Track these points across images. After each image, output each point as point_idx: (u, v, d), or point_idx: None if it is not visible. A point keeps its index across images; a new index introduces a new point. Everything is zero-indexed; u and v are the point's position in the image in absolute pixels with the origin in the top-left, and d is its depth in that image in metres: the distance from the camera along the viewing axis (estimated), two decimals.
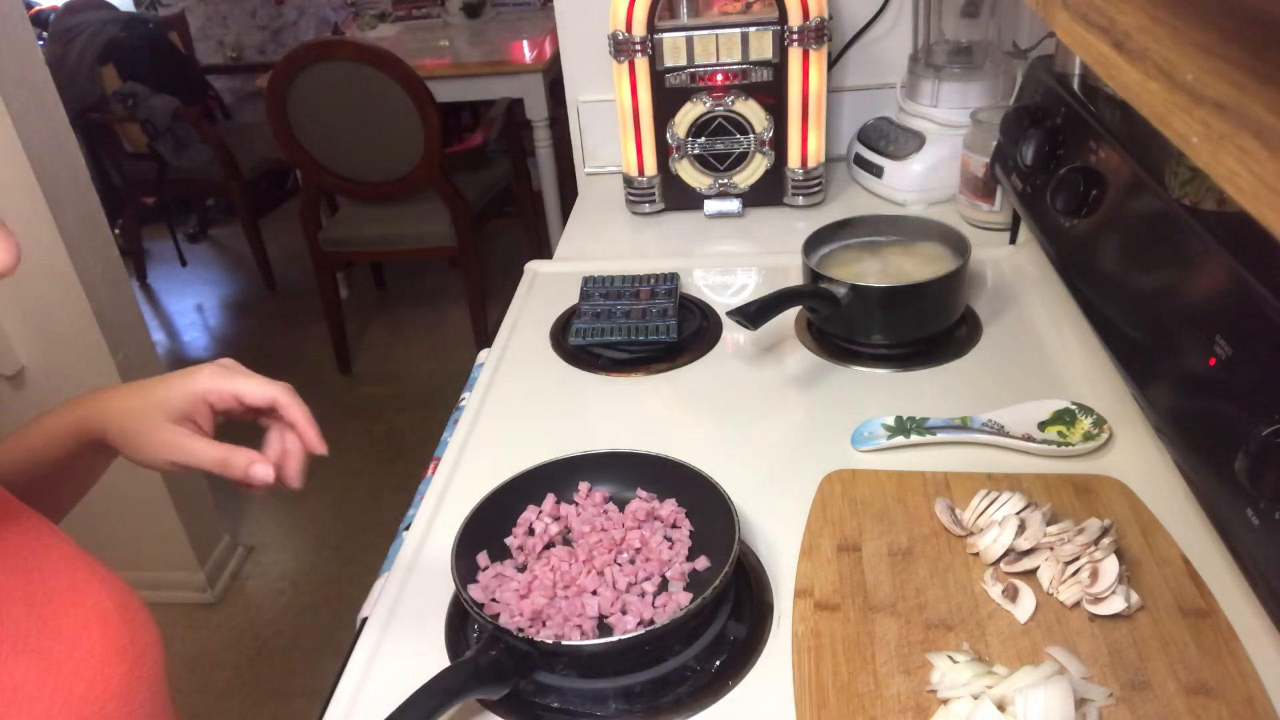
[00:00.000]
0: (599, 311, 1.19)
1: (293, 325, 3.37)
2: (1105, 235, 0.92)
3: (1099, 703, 0.67)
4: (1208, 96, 0.35)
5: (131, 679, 0.58)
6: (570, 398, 1.10)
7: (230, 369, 0.70)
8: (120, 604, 0.60)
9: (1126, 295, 0.87)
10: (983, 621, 0.75)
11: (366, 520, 2.46)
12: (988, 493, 0.83)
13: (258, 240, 3.59)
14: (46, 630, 0.55)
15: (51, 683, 0.53)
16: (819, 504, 0.88)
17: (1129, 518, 0.83)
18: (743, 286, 1.30)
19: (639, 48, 1.35)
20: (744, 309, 1.02)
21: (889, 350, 1.11)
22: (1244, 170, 0.33)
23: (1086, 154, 0.97)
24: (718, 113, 1.40)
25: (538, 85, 2.98)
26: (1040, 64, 1.15)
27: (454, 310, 3.36)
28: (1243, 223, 0.73)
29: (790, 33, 1.33)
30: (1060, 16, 0.54)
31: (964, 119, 1.34)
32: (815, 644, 0.74)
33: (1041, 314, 1.16)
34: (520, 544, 0.84)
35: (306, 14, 4.49)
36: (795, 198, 1.46)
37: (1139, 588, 0.75)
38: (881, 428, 0.96)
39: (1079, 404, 0.96)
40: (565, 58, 1.60)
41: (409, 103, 2.55)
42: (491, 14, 3.53)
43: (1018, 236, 1.31)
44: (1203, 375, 0.71)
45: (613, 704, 0.73)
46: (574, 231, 1.51)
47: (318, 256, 2.92)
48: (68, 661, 0.55)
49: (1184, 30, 0.38)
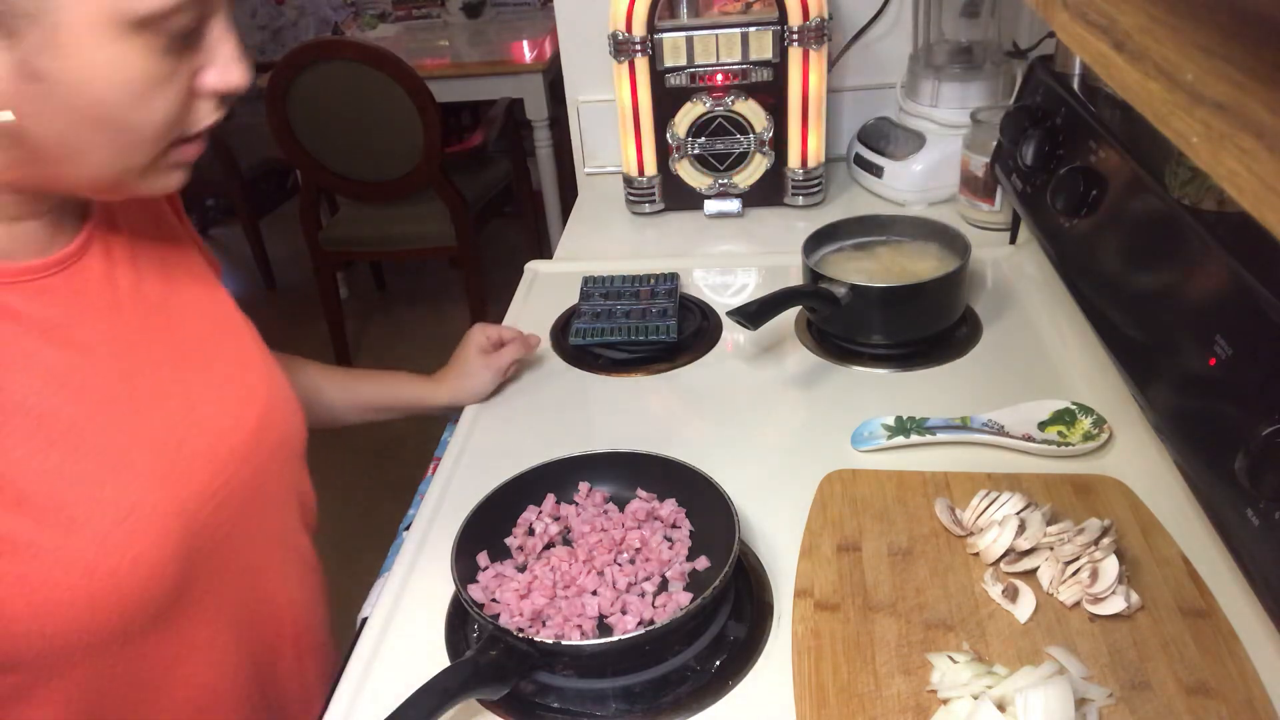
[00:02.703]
0: (599, 311, 1.19)
1: (293, 325, 3.37)
2: (1105, 235, 0.92)
3: (1099, 703, 0.67)
4: (1208, 96, 0.35)
5: (262, 445, 0.77)
6: (570, 398, 1.10)
7: (485, 327, 1.11)
8: (270, 396, 0.80)
9: (1126, 295, 0.87)
10: (983, 621, 0.75)
11: (366, 520, 2.46)
12: (988, 493, 0.83)
13: (258, 240, 3.59)
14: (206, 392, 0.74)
15: (204, 412, 0.73)
16: (819, 504, 0.88)
17: (1129, 518, 0.83)
18: (743, 286, 1.30)
19: (639, 48, 1.35)
20: (744, 309, 1.02)
21: (889, 350, 1.11)
22: (1244, 170, 0.33)
23: (1086, 154, 0.97)
24: (718, 113, 1.40)
25: (538, 85, 2.98)
26: (1040, 64, 1.15)
27: (454, 310, 3.36)
28: (1243, 223, 0.73)
29: (790, 33, 1.33)
30: (1060, 16, 0.54)
31: (964, 119, 1.34)
32: (815, 644, 0.74)
33: (1041, 314, 1.16)
34: (520, 544, 0.84)
35: (306, 14, 4.49)
36: (795, 198, 1.46)
37: (1139, 588, 0.75)
38: (881, 428, 0.96)
39: (1079, 404, 0.96)
40: (565, 58, 1.60)
41: (409, 103, 2.55)
42: (491, 14, 3.53)
43: (1018, 236, 1.31)
44: (1203, 375, 0.71)
45: (613, 704, 0.73)
46: (574, 231, 1.51)
47: (318, 256, 2.92)
48: (216, 416, 0.74)
49: (1184, 30, 0.38)
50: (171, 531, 0.67)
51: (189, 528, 0.68)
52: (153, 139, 0.62)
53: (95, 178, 0.63)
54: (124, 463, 0.66)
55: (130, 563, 0.64)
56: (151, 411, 0.69)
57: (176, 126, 0.63)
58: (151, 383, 0.70)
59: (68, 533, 0.62)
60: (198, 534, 0.69)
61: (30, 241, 0.66)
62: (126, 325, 0.70)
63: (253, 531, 0.77)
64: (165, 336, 0.73)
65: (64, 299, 0.67)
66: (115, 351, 0.69)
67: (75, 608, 0.62)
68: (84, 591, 0.62)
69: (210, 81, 0.63)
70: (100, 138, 0.60)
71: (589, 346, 1.16)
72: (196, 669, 0.73)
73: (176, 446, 0.69)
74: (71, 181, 0.64)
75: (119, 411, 0.67)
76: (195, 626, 0.72)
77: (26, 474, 0.61)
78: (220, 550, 0.73)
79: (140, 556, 0.64)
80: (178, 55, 0.60)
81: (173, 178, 0.66)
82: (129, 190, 0.65)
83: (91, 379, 0.67)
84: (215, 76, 0.63)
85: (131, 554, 0.64)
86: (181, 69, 0.61)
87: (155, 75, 0.59)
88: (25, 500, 0.61)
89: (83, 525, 0.62)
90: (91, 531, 0.62)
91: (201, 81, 0.63)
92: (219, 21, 0.63)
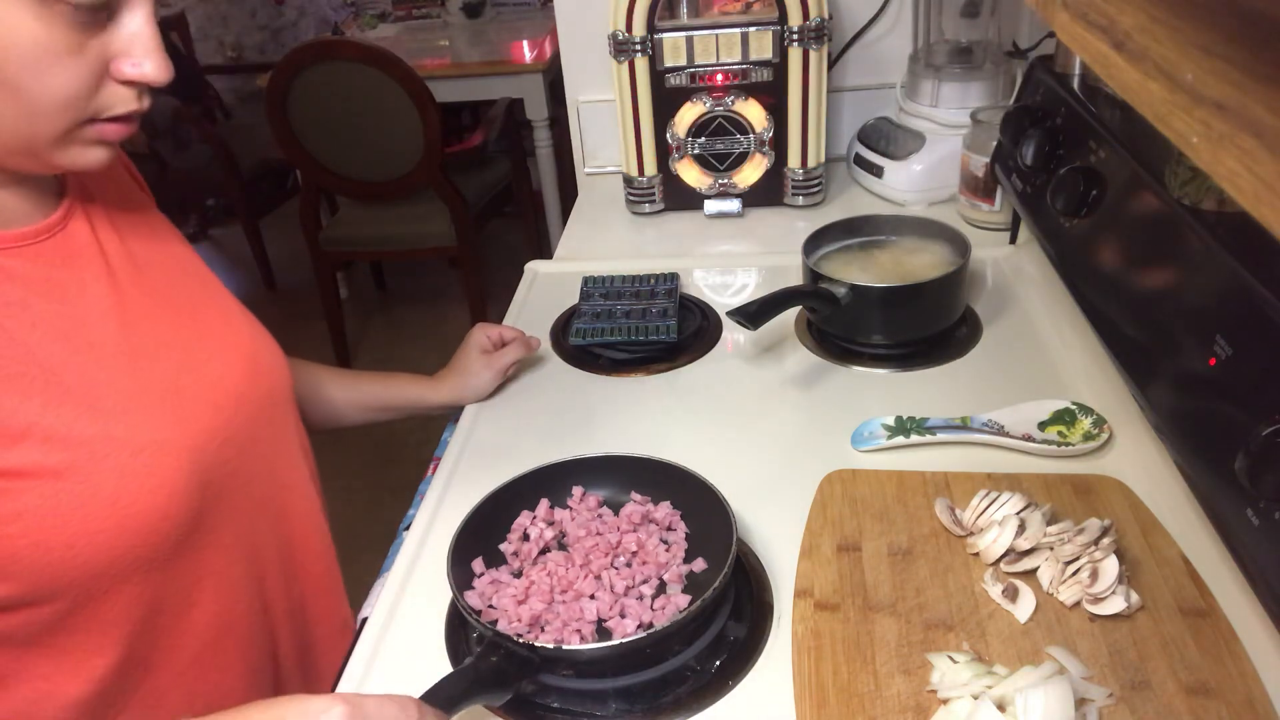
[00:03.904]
0: (599, 311, 1.19)
1: (293, 325, 3.37)
2: (1105, 235, 0.92)
3: (1099, 703, 0.67)
4: (1208, 96, 0.35)
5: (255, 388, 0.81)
6: (570, 398, 1.10)
7: (486, 327, 1.12)
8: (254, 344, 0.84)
9: (1126, 295, 0.87)
10: (983, 621, 0.75)
11: (366, 520, 2.46)
12: (988, 493, 0.83)
13: (258, 240, 3.59)
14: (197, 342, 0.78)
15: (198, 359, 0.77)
16: (819, 504, 0.88)
17: (1129, 518, 0.83)
18: (743, 286, 1.30)
19: (639, 48, 1.35)
20: (744, 309, 1.02)
21: (889, 350, 1.11)
22: (1244, 170, 0.33)
23: (1086, 154, 0.97)
24: (718, 113, 1.40)
25: (538, 85, 2.97)
26: (1040, 64, 1.15)
27: (454, 310, 3.36)
28: (1243, 223, 0.73)
29: (790, 33, 1.33)
30: (1060, 16, 0.54)
31: (964, 119, 1.34)
32: (815, 644, 0.74)
33: (1041, 314, 1.16)
34: (515, 550, 0.84)
35: (306, 14, 4.49)
36: (795, 198, 1.45)
37: (1139, 588, 0.75)
38: (881, 428, 0.96)
39: (1079, 404, 0.96)
40: (565, 58, 1.60)
41: (409, 103, 2.55)
42: (491, 14, 3.53)
43: (1018, 236, 1.31)
44: (1203, 375, 0.71)
45: (613, 704, 0.73)
46: (574, 231, 1.51)
47: (318, 256, 2.92)
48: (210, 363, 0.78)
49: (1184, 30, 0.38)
50: (184, 465, 0.72)
51: (199, 462, 0.73)
52: (53, 111, 0.63)
53: (5, 142, 0.64)
54: (133, 406, 0.70)
55: (150, 492, 0.69)
56: (152, 361, 0.74)
57: (82, 104, 0.64)
58: (148, 334, 0.75)
59: (91, 466, 0.66)
60: (208, 469, 0.74)
61: (15, 211, 0.70)
62: (118, 283, 0.75)
63: (257, 470, 0.81)
64: (153, 292, 0.78)
65: (59, 261, 0.71)
66: (111, 307, 0.73)
67: (104, 535, 0.67)
68: (112, 520, 0.67)
69: (123, 69, 0.65)
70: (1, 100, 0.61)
71: (589, 346, 1.16)
72: (210, 597, 0.78)
73: (178, 391, 0.74)
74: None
75: (122, 362, 0.72)
76: (210, 556, 0.77)
77: (46, 417, 0.65)
78: (228, 485, 0.77)
79: (158, 487, 0.70)
80: (84, 32, 0.61)
81: (91, 154, 0.68)
82: (47, 161, 0.67)
83: (94, 333, 0.71)
84: (129, 65, 0.65)
85: (151, 484, 0.69)
86: (90, 47, 0.62)
87: (54, 47, 0.60)
88: (50, 439, 0.65)
89: (103, 459, 0.67)
90: (111, 463, 0.67)
91: (115, 67, 0.64)
92: (139, 9, 0.64)
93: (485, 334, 1.11)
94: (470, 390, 1.09)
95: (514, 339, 1.11)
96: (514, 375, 1.12)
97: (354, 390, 1.06)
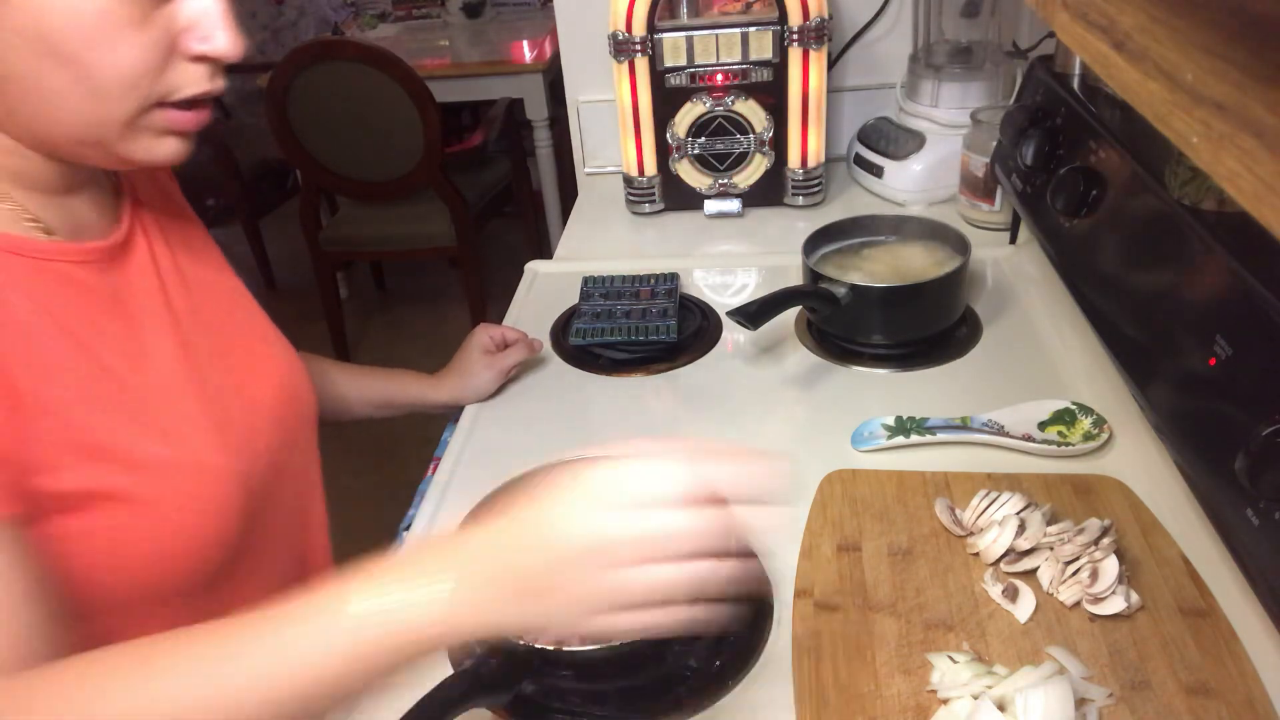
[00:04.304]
0: (599, 311, 1.19)
1: (293, 325, 3.33)
2: (1105, 235, 0.92)
3: (1099, 703, 0.67)
4: (1208, 96, 0.35)
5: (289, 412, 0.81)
6: (570, 398, 1.10)
7: (488, 327, 1.11)
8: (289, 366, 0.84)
9: (1126, 295, 0.87)
10: (983, 621, 0.75)
11: (366, 520, 2.46)
12: (988, 493, 0.83)
13: (258, 240, 3.59)
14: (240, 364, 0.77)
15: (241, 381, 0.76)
16: (819, 504, 0.88)
17: (1129, 518, 0.83)
18: (743, 286, 1.30)
19: (639, 48, 1.35)
20: (744, 309, 1.02)
21: (889, 350, 1.11)
22: (1244, 170, 0.33)
23: (1086, 154, 0.97)
24: (718, 113, 1.40)
25: (538, 85, 2.97)
26: (1040, 64, 1.15)
27: (454, 310, 3.35)
28: (1243, 223, 0.73)
29: (790, 33, 1.33)
30: (1060, 16, 0.54)
31: (964, 119, 1.34)
32: (815, 644, 0.74)
33: (1041, 314, 1.16)
34: None
35: (306, 14, 4.49)
36: (795, 198, 1.45)
37: (1139, 588, 0.75)
38: (881, 428, 0.96)
39: (1079, 404, 0.96)
40: (565, 58, 1.60)
41: (409, 103, 2.55)
42: (491, 14, 3.53)
43: (1018, 236, 1.31)
44: (1203, 375, 0.71)
45: (613, 704, 0.73)
46: (574, 231, 1.51)
47: (318, 256, 2.92)
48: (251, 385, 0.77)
49: (1184, 30, 0.38)
50: (236, 489, 0.70)
51: (247, 487, 0.71)
52: (121, 89, 0.60)
53: (70, 127, 0.61)
54: (191, 429, 0.69)
55: (206, 517, 0.67)
56: (203, 383, 0.72)
57: (149, 83, 0.61)
58: (200, 356, 0.74)
59: (156, 489, 0.65)
60: (253, 494, 0.73)
61: (85, 220, 0.69)
62: (171, 301, 0.74)
63: (286, 493, 0.80)
64: (201, 311, 0.76)
65: (123, 276, 0.70)
66: (168, 325, 0.72)
67: (156, 560, 0.65)
68: (165, 544, 0.65)
69: (191, 45, 0.62)
70: (62, 77, 0.59)
71: (589, 346, 1.16)
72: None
73: (225, 412, 0.73)
74: (52, 130, 0.62)
75: (178, 380, 0.70)
76: (246, 584, 0.75)
77: (119, 436, 0.64)
78: (265, 511, 0.76)
79: (215, 511, 0.68)
80: (148, 2, 0.59)
81: (164, 145, 0.65)
82: (116, 152, 0.64)
83: (152, 350, 0.70)
84: (197, 40, 0.62)
85: (209, 509, 0.68)
86: (156, 19, 0.60)
87: (118, 16, 0.58)
88: (123, 459, 0.63)
89: (166, 482, 0.65)
90: (173, 487, 0.66)
91: (183, 42, 0.62)
92: None
93: (488, 334, 1.11)
94: (471, 391, 1.09)
95: (516, 340, 1.11)
96: (514, 376, 1.12)
97: (360, 385, 1.06)
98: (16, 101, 0.60)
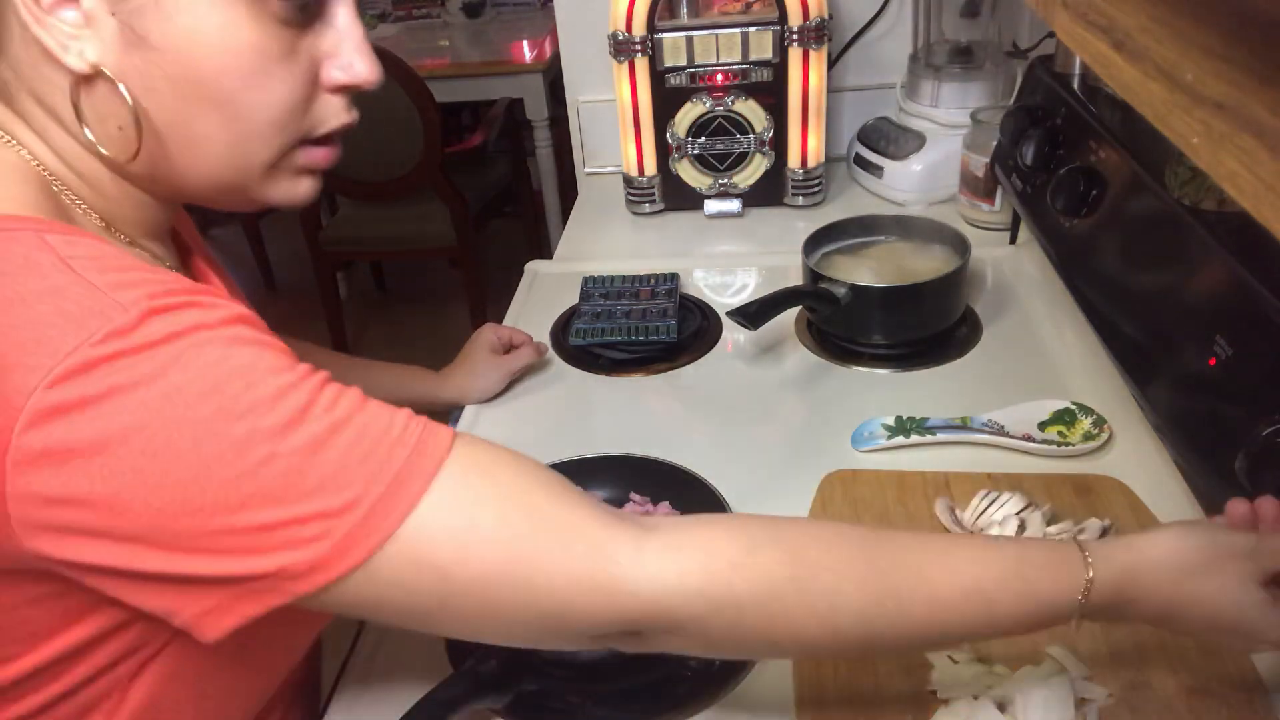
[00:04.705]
0: (599, 311, 1.19)
1: (293, 325, 3.34)
2: (1105, 235, 0.92)
3: (1099, 703, 0.67)
4: (1208, 96, 0.35)
5: None
6: (570, 398, 1.10)
7: (494, 327, 1.12)
8: None
9: (1126, 295, 0.87)
10: None
11: None
12: (988, 493, 0.83)
13: (258, 240, 3.59)
14: None
15: None
16: (819, 504, 0.88)
17: (1129, 518, 0.83)
18: (743, 286, 1.30)
19: (639, 48, 1.35)
20: (744, 309, 1.02)
21: (889, 350, 1.11)
22: (1244, 170, 0.33)
23: (1086, 154, 0.97)
24: (718, 113, 1.40)
25: (538, 85, 2.97)
26: (1040, 64, 1.15)
27: (454, 310, 3.35)
28: (1243, 223, 0.73)
29: (790, 33, 1.33)
30: (1060, 16, 0.54)
31: (964, 119, 1.34)
32: None
33: (1041, 314, 1.16)
34: None
35: None
36: (795, 198, 1.45)
37: None
38: (881, 428, 0.96)
39: (1079, 404, 0.96)
40: (565, 58, 1.60)
41: (409, 103, 2.55)
42: (491, 14, 3.53)
43: (1018, 236, 1.31)
44: (1203, 375, 0.71)
45: (613, 704, 0.73)
46: (574, 231, 1.51)
47: (318, 256, 2.92)
48: None
49: (1184, 30, 0.38)
50: None
51: None
52: (271, 129, 0.57)
53: (214, 173, 0.58)
54: None
55: None
56: None
57: (298, 118, 0.58)
58: None
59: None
60: None
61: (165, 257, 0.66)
62: None
63: None
64: None
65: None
66: None
67: None
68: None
69: (333, 74, 0.59)
70: (213, 121, 0.55)
71: (589, 346, 1.16)
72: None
73: None
74: (193, 178, 0.59)
75: None
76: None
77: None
78: None
79: None
80: (296, 29, 0.55)
81: (301, 185, 0.62)
82: (253, 194, 0.61)
83: None
84: (338, 69, 0.59)
85: None
86: (301, 49, 0.56)
87: (269, 50, 0.55)
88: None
89: None
90: None
91: (326, 73, 0.59)
92: (344, 2, 0.58)
93: (495, 334, 1.11)
94: (476, 391, 1.09)
95: (523, 343, 1.11)
96: (515, 376, 1.12)
97: (368, 379, 1.05)
98: (166, 150, 0.57)
